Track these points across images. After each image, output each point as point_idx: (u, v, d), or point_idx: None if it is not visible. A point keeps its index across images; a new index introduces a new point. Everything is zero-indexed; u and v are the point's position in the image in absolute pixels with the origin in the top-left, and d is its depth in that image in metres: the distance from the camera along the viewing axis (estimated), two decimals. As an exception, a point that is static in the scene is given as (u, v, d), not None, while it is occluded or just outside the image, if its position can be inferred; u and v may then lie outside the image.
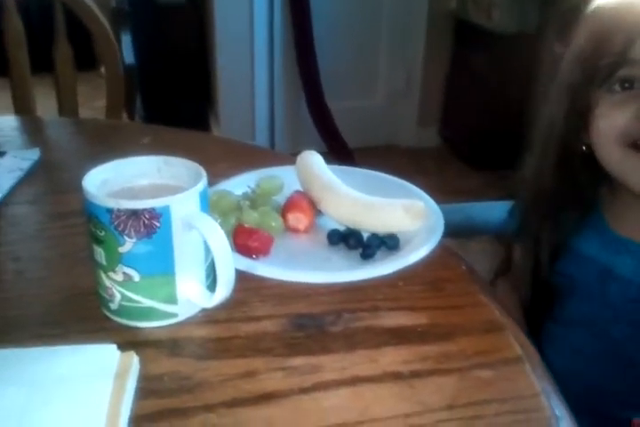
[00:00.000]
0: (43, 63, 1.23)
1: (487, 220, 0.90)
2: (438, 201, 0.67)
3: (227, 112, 2.56)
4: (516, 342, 0.49)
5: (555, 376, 0.67)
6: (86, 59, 1.33)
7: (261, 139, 2.61)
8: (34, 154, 0.80)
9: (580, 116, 0.64)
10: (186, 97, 2.73)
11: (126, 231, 0.46)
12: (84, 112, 1.24)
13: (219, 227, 0.48)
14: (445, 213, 0.65)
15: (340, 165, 0.73)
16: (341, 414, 0.42)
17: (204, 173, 0.50)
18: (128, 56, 2.68)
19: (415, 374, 0.45)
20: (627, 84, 0.59)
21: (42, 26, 1.54)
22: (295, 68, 2.46)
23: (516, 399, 0.43)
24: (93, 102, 2.42)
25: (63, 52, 1.15)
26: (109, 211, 0.46)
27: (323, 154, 0.71)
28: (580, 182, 0.67)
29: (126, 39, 2.70)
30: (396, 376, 0.45)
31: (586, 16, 0.64)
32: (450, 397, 0.43)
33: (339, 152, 2.44)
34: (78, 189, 0.47)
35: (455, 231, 0.91)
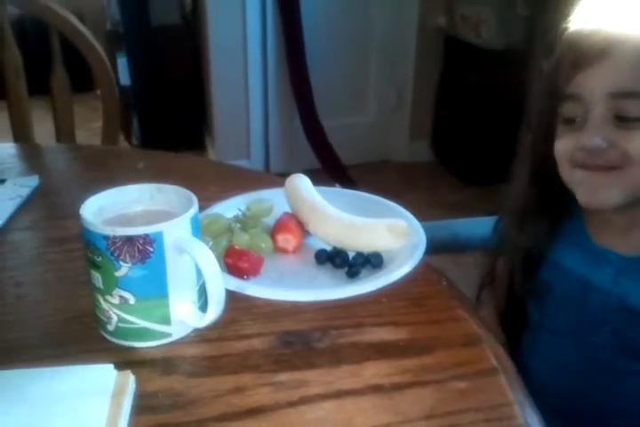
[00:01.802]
0: (38, 86, 1.27)
1: (472, 235, 0.93)
2: (431, 215, 0.70)
3: (222, 131, 2.60)
4: (492, 354, 0.51)
5: (536, 383, 0.71)
6: (82, 80, 1.37)
7: (256, 157, 2.65)
8: (33, 181, 0.83)
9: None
10: (181, 117, 2.78)
11: (122, 257, 0.49)
12: (81, 134, 1.27)
13: (209, 250, 0.51)
14: (431, 230, 0.68)
15: (334, 181, 0.77)
16: (325, 426, 0.44)
17: (194, 200, 0.53)
18: (124, 78, 2.74)
19: (395, 387, 0.48)
20: (568, 121, 0.65)
21: (37, 49, 1.59)
22: (288, 87, 2.50)
23: (491, 408, 0.46)
24: (90, 124, 2.46)
25: (60, 79, 1.19)
26: (106, 238, 0.49)
27: (317, 171, 0.74)
28: (551, 194, 0.71)
29: (122, 61, 2.75)
30: (378, 389, 0.47)
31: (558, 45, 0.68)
32: (428, 407, 0.45)
33: (333, 169, 2.48)
34: (76, 214, 0.50)
35: (441, 248, 0.94)
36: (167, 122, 2.76)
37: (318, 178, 0.76)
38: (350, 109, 2.73)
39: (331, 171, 2.46)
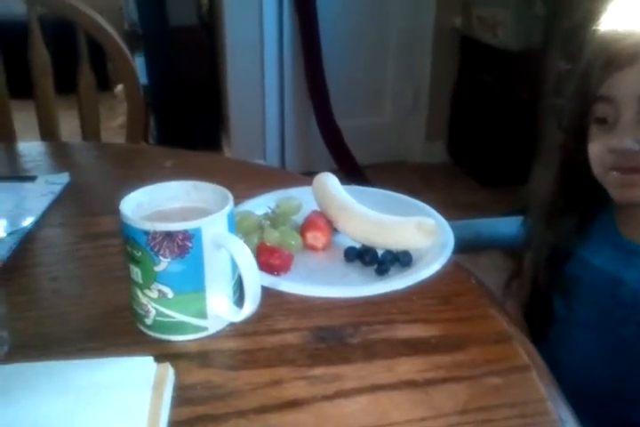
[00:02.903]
0: (63, 84, 1.29)
1: (495, 235, 0.94)
2: (447, 216, 0.71)
3: (238, 132, 2.62)
4: (523, 351, 0.52)
5: (566, 378, 0.71)
6: (100, 80, 1.38)
7: (272, 157, 2.66)
8: (64, 178, 0.85)
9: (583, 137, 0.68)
10: (198, 117, 2.80)
11: (161, 252, 0.50)
12: (101, 133, 1.29)
13: (245, 246, 0.52)
14: (454, 230, 0.69)
15: (350, 181, 0.78)
16: (361, 419, 0.45)
17: (230, 197, 0.54)
18: (141, 77, 2.75)
19: (429, 382, 0.48)
20: (600, 120, 0.65)
21: (57, 48, 1.61)
22: (305, 88, 2.51)
23: (524, 404, 0.46)
24: (108, 123, 2.49)
25: (86, 78, 1.21)
26: (146, 233, 0.50)
27: (333, 172, 0.75)
28: (580, 192, 0.71)
29: (139, 61, 2.78)
30: (412, 384, 0.48)
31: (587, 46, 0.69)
32: (462, 402, 0.46)
33: (349, 169, 2.48)
34: (107, 211, 0.52)
35: (464, 247, 0.95)
36: (184, 121, 2.78)
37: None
38: (366, 110, 2.74)
39: (347, 171, 2.47)
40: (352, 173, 2.46)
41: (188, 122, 2.77)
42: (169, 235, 0.50)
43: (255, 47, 2.49)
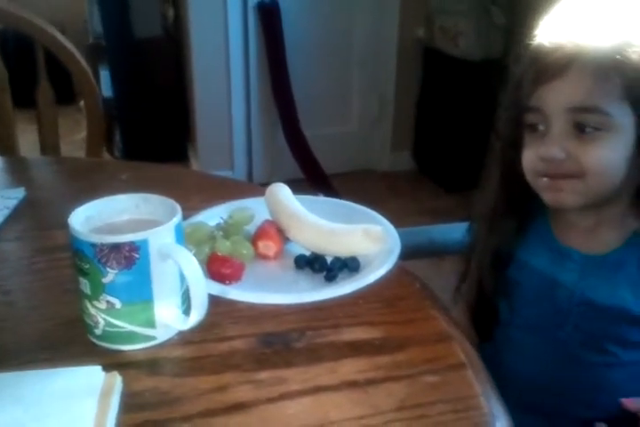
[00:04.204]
0: (24, 98, 1.29)
1: (447, 240, 0.97)
2: (413, 222, 0.74)
3: (205, 143, 2.63)
4: (461, 350, 0.55)
5: (510, 377, 0.74)
6: (65, 93, 1.38)
7: (240, 168, 2.68)
8: (19, 193, 0.85)
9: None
10: (164, 129, 2.80)
11: (109, 263, 0.51)
12: (63, 146, 1.29)
13: (192, 256, 0.53)
14: (408, 236, 0.72)
15: (317, 190, 0.80)
16: (303, 420, 0.47)
17: (178, 209, 0.56)
18: (106, 90, 2.76)
19: (370, 382, 0.51)
20: (531, 128, 0.69)
21: (20, 62, 1.61)
22: (271, 98, 2.54)
23: (458, 400, 0.49)
24: (72, 136, 2.47)
25: (45, 92, 1.21)
26: (93, 245, 0.51)
27: (300, 181, 0.77)
28: (519, 198, 0.75)
29: (104, 74, 2.78)
30: (353, 384, 0.50)
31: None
32: (399, 400, 0.49)
33: (316, 178, 2.51)
34: (62, 225, 0.53)
35: (418, 252, 0.98)
36: (150, 134, 2.78)
37: (301, 188, 0.79)
38: (333, 119, 2.78)
39: (313, 180, 2.50)
40: (319, 181, 2.49)
41: (154, 134, 2.78)
42: (116, 247, 0.51)
43: (221, 59, 2.51)
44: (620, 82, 0.63)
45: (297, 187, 0.77)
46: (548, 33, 0.68)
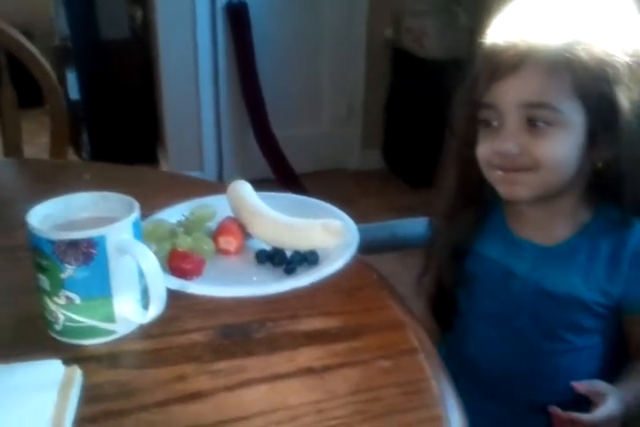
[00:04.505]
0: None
1: (410, 235, 0.99)
2: (383, 218, 0.76)
3: (174, 144, 2.62)
4: (414, 336, 0.57)
5: (470, 365, 0.76)
6: (31, 96, 1.37)
7: (210, 168, 2.67)
8: (-19, 194, 0.85)
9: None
10: (133, 131, 2.78)
11: (67, 259, 0.52)
12: (29, 149, 1.28)
13: (150, 251, 0.54)
14: (371, 231, 0.74)
15: (287, 189, 0.81)
16: (259, 406, 0.49)
17: (136, 205, 0.57)
18: (73, 92, 2.73)
19: (326, 368, 0.52)
20: (486, 123, 0.71)
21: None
22: (240, 99, 2.54)
23: (409, 383, 0.51)
24: (38, 139, 2.44)
25: (7, 95, 1.21)
26: (51, 242, 0.52)
27: (271, 181, 0.79)
28: (476, 192, 0.77)
29: (71, 76, 2.75)
30: (310, 371, 0.52)
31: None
32: (354, 384, 0.50)
33: (286, 178, 2.52)
34: (24, 225, 0.53)
35: (381, 247, 1.00)
36: (119, 136, 2.75)
37: (272, 187, 0.80)
38: (303, 120, 2.79)
39: (284, 180, 2.51)
40: (289, 181, 2.50)
41: (123, 137, 2.75)
42: (73, 243, 0.52)
43: (189, 60, 2.51)
44: (571, 79, 0.66)
45: (267, 187, 0.78)
46: (502, 32, 0.71)
